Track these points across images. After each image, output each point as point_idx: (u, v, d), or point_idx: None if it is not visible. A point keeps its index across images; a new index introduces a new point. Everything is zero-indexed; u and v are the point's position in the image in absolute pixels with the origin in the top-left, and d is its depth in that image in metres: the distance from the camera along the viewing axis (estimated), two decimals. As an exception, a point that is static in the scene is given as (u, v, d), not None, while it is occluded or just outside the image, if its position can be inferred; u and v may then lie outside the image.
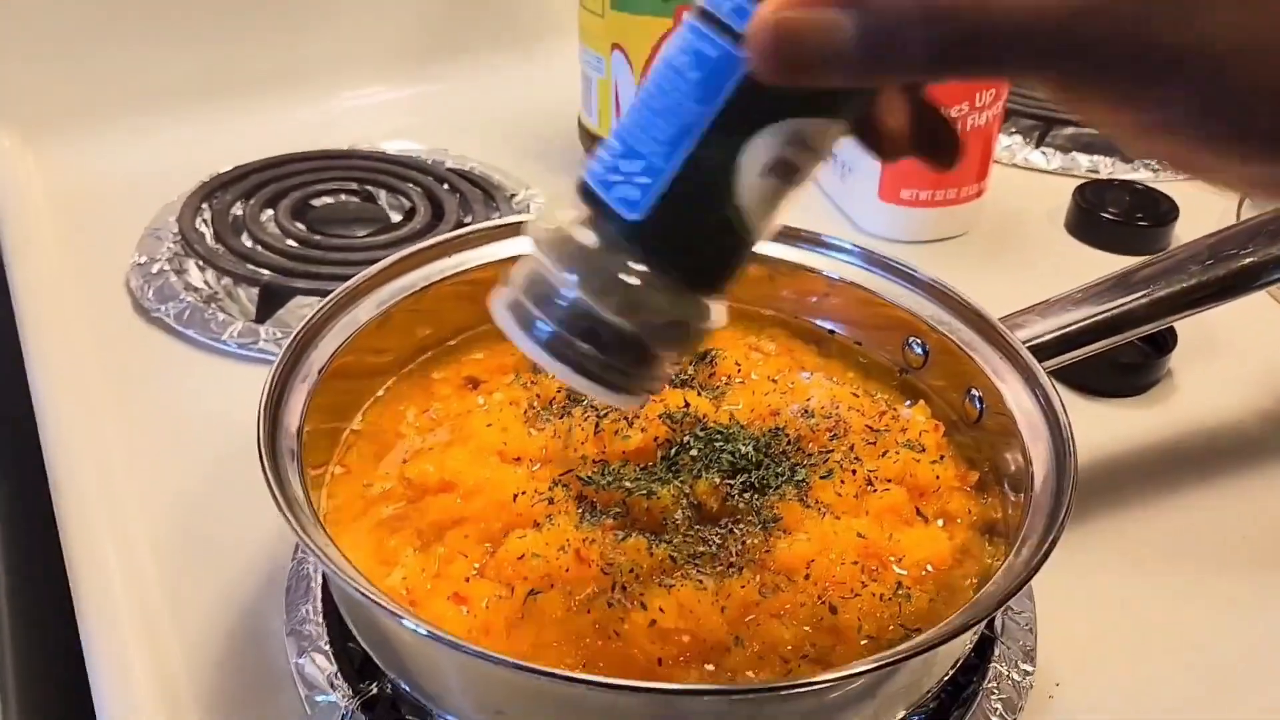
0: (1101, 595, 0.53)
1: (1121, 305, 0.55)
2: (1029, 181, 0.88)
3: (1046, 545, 0.40)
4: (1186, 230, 0.77)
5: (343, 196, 0.81)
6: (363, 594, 0.37)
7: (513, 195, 0.81)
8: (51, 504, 0.57)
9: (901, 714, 0.43)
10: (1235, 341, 0.68)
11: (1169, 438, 0.62)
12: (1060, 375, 0.52)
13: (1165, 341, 0.65)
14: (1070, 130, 0.93)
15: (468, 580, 0.44)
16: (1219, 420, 0.64)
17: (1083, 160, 0.89)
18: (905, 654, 0.37)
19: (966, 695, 0.47)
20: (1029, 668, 0.48)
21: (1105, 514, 0.57)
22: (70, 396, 0.63)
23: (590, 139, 0.85)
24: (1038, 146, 0.91)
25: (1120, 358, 0.64)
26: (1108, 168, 0.88)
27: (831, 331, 0.59)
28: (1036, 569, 0.39)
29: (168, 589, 0.52)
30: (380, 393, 0.55)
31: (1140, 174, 0.87)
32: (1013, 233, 0.81)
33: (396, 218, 0.80)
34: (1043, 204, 0.84)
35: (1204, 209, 0.80)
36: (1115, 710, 0.48)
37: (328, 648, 0.47)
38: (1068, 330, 0.54)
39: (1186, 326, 0.62)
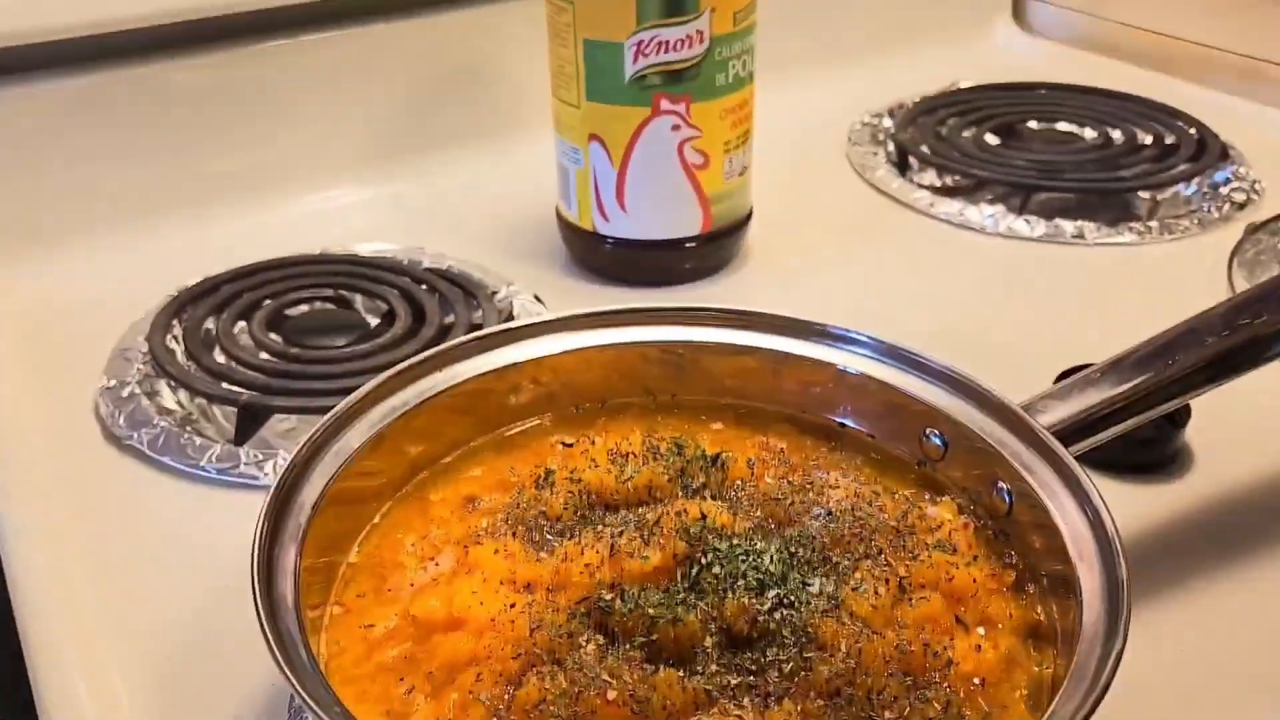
0: (1141, 685, 0.50)
1: (1143, 383, 0.53)
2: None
3: (1109, 670, 0.37)
4: None
5: (318, 304, 0.78)
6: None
7: (494, 293, 0.79)
8: (22, 654, 0.53)
9: None
10: (1249, 410, 0.66)
11: (1193, 514, 0.60)
12: (1075, 455, 0.50)
13: (1179, 415, 0.63)
14: (1045, 195, 0.93)
15: (488, 730, 0.40)
16: (1243, 494, 0.62)
17: (1067, 226, 0.88)
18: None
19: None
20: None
21: (1135, 600, 0.55)
22: (39, 536, 0.59)
23: (570, 230, 0.83)
24: (1020, 214, 0.90)
25: (1135, 433, 0.62)
26: (1093, 232, 0.87)
27: (843, 425, 0.57)
28: (1104, 693, 0.36)
29: (154, 748, 0.48)
30: (376, 519, 0.51)
31: (1126, 236, 0.87)
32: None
33: (375, 322, 0.78)
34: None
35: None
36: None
37: (335, 810, 0.43)
38: (1089, 413, 0.52)
39: (1199, 399, 0.60)
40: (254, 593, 0.39)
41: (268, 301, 0.77)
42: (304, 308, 0.78)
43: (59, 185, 0.85)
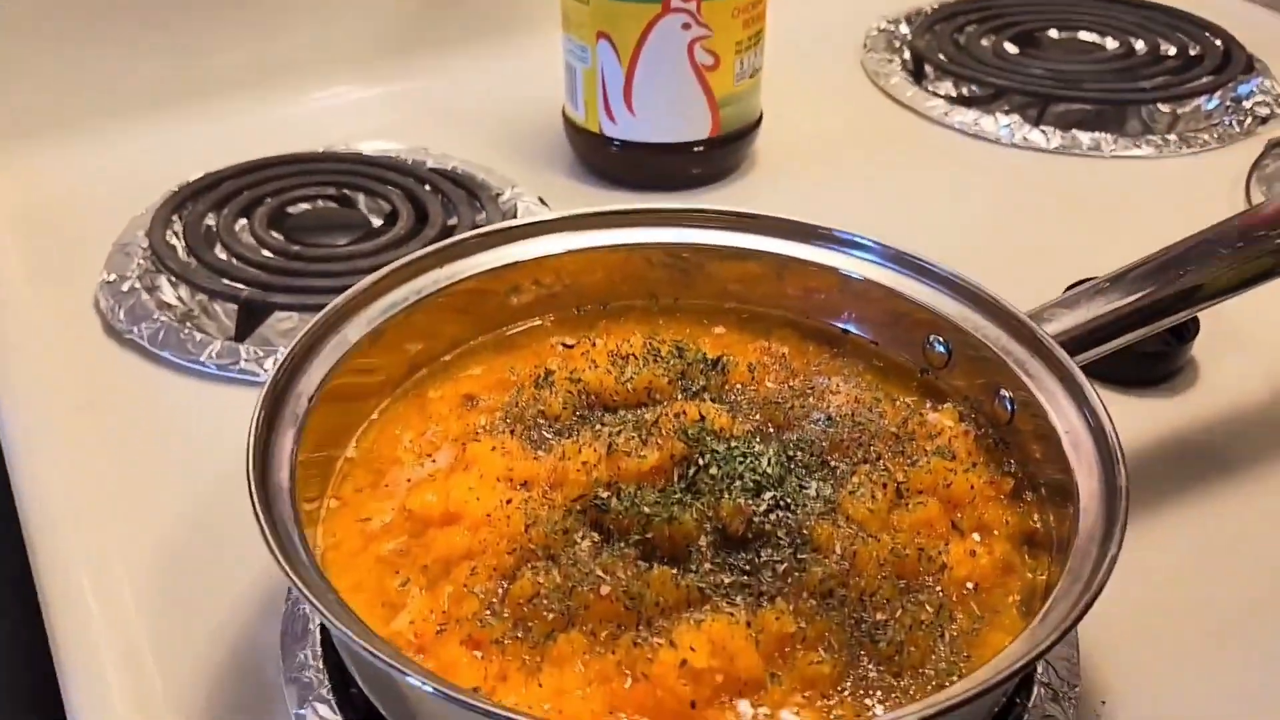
0: (1135, 597, 0.50)
1: (1152, 294, 0.52)
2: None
3: (1103, 572, 0.37)
4: None
5: (320, 202, 0.77)
6: (373, 654, 0.34)
7: (498, 194, 0.78)
8: (24, 544, 0.53)
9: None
10: (1258, 329, 0.65)
11: (1196, 430, 0.60)
12: (1081, 365, 0.50)
13: (1187, 330, 0.62)
14: (1062, 106, 0.90)
15: (480, 622, 0.41)
16: (1247, 411, 0.61)
17: (1083, 138, 0.86)
18: (966, 697, 0.34)
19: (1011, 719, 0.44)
20: (1074, 683, 0.46)
21: (1134, 512, 0.55)
22: (41, 428, 0.59)
23: (575, 132, 0.81)
24: (1036, 125, 0.88)
25: (1141, 346, 0.61)
26: (1109, 144, 0.85)
27: (845, 331, 0.56)
28: (1097, 594, 0.36)
29: (152, 633, 0.49)
30: (374, 415, 0.51)
31: (1143, 149, 0.85)
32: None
33: (378, 222, 0.77)
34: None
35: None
36: (1166, 723, 0.46)
37: (330, 696, 0.44)
38: (1096, 323, 0.52)
39: (1207, 314, 0.59)
40: (249, 480, 0.39)
41: (269, 199, 0.76)
42: (306, 206, 0.77)
43: (60, 80, 0.83)
